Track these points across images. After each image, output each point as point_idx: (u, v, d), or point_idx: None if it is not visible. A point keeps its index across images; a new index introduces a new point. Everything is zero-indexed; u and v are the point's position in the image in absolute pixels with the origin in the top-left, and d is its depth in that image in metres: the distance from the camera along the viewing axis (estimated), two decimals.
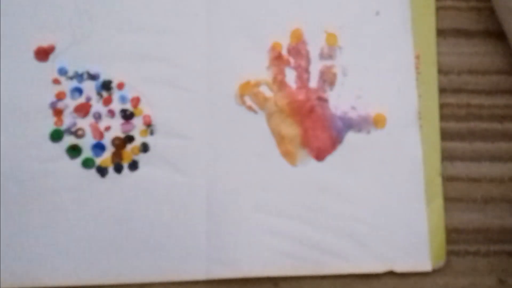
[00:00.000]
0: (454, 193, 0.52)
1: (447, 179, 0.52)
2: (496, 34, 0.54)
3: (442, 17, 0.55)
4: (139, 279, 0.50)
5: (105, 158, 0.52)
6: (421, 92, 0.53)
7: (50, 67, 0.53)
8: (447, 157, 0.53)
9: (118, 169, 0.52)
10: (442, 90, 0.53)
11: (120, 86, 0.53)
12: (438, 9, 0.55)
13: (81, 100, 0.53)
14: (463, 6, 0.55)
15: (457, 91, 0.54)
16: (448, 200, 0.52)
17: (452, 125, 0.53)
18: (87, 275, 0.50)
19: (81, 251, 0.50)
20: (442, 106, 0.53)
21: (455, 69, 0.54)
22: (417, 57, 0.54)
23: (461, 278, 0.51)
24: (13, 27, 0.53)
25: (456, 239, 0.51)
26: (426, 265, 0.50)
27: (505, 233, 0.52)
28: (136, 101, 0.53)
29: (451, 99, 0.54)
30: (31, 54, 0.53)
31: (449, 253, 0.51)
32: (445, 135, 0.53)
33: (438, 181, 0.52)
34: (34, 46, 0.53)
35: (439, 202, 0.51)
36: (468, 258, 0.51)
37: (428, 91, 0.53)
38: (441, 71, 0.54)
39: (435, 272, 0.51)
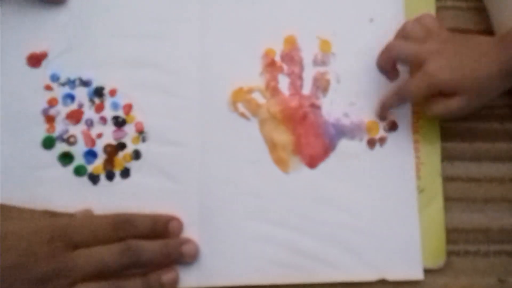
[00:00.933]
0: (454, 193, 0.52)
1: (447, 179, 0.52)
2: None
3: (442, 17, 0.55)
4: None
5: (97, 165, 0.52)
6: None
7: (42, 73, 0.53)
8: (447, 157, 0.52)
9: (110, 176, 0.51)
10: None
11: (112, 92, 0.53)
12: (438, 9, 0.55)
13: (73, 106, 0.53)
14: (463, 6, 0.55)
15: None
16: (448, 200, 0.51)
17: (452, 125, 0.53)
18: None
19: None
20: None
21: None
22: None
23: (461, 278, 0.50)
24: (6, 32, 0.53)
25: (456, 239, 0.51)
26: (418, 274, 0.50)
27: (505, 233, 0.51)
28: (128, 108, 0.53)
29: None
30: (23, 60, 0.53)
31: (449, 253, 0.51)
32: (445, 135, 0.53)
33: (438, 181, 0.52)
34: (26, 52, 0.53)
35: (439, 202, 0.51)
36: (468, 258, 0.51)
37: None
38: None
39: (435, 272, 0.50)
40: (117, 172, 0.51)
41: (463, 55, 0.47)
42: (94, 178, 0.51)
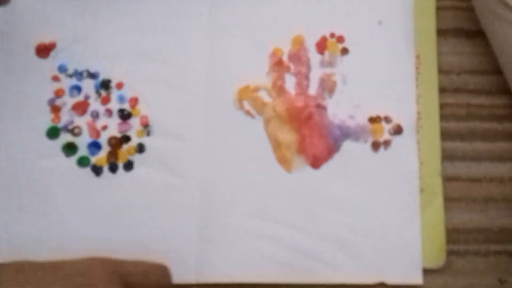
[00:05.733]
0: (454, 193, 0.52)
1: (447, 179, 0.52)
2: None
3: (442, 17, 0.55)
4: None
5: (100, 157, 0.52)
6: (421, 92, 0.53)
7: (50, 64, 0.53)
8: (447, 157, 0.52)
9: (113, 168, 0.51)
10: (442, 90, 0.53)
11: (119, 85, 0.53)
12: (438, 9, 0.55)
13: (80, 98, 0.53)
14: (463, 6, 0.55)
15: (457, 91, 0.54)
16: (448, 200, 0.51)
17: (452, 125, 0.53)
18: None
19: (72, 249, 0.50)
20: (442, 106, 0.53)
21: (455, 69, 0.54)
22: (417, 57, 0.54)
23: (461, 278, 0.50)
24: (16, 22, 0.53)
25: (456, 239, 0.51)
26: (417, 279, 0.50)
27: (505, 233, 0.51)
28: (134, 101, 0.53)
29: (451, 99, 0.54)
30: (31, 50, 0.53)
31: (449, 253, 0.50)
32: (445, 135, 0.53)
33: (438, 181, 0.51)
34: (35, 42, 0.53)
35: (439, 202, 0.51)
36: (468, 258, 0.51)
37: (428, 91, 0.53)
38: (441, 71, 0.54)
39: (435, 272, 0.50)
40: (120, 164, 0.52)
41: None
42: (97, 170, 0.51)
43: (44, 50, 0.53)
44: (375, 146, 0.52)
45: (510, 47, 0.50)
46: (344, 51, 0.54)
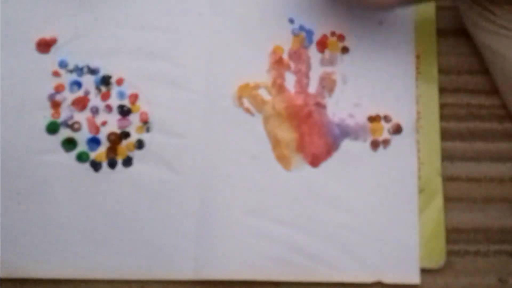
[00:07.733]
0: (454, 193, 0.52)
1: (447, 179, 0.52)
2: None
3: (442, 17, 0.55)
4: (126, 275, 0.50)
5: (99, 152, 0.52)
6: (421, 92, 0.53)
7: (51, 59, 0.53)
8: (447, 157, 0.52)
9: (112, 164, 0.51)
10: (442, 90, 0.53)
11: (119, 82, 0.53)
12: (438, 9, 0.55)
13: (80, 93, 0.53)
14: None
15: (457, 91, 0.54)
16: (448, 200, 0.51)
17: (452, 125, 0.53)
18: (74, 268, 0.49)
19: (70, 244, 0.50)
20: (442, 106, 0.53)
21: (455, 69, 0.54)
22: (417, 57, 0.54)
23: (461, 278, 0.50)
24: (16, 18, 0.53)
25: (456, 239, 0.51)
26: (414, 278, 0.49)
27: (505, 233, 0.51)
28: (134, 97, 0.53)
29: (451, 99, 0.53)
30: (32, 46, 0.53)
31: (449, 253, 0.50)
32: (445, 135, 0.53)
33: (438, 181, 0.51)
34: (36, 38, 0.53)
35: (439, 202, 0.51)
36: (468, 258, 0.51)
37: (428, 91, 0.53)
38: (441, 71, 0.54)
39: (435, 272, 0.50)
40: (119, 160, 0.52)
41: None
42: (96, 165, 0.51)
43: (45, 46, 0.53)
44: (374, 145, 0.52)
45: (490, 53, 0.50)
46: (345, 50, 0.54)
